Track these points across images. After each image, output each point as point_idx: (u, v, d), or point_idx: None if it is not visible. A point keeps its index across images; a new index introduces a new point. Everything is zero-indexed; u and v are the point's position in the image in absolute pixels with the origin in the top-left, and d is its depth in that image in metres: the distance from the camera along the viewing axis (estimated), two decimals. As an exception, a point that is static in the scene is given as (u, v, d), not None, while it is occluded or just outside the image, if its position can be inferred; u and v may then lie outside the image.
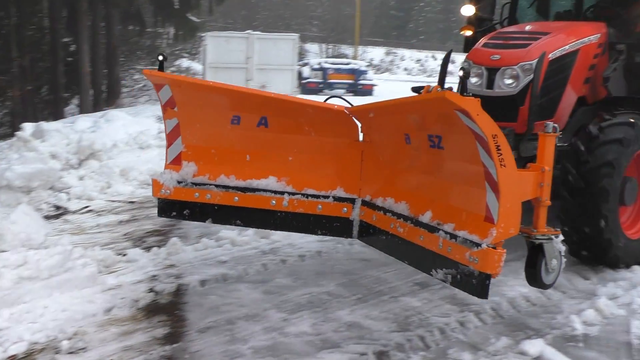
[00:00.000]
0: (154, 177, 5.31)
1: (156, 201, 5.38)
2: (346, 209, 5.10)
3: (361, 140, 5.12)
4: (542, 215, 4.31)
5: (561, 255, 4.29)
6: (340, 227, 5.16)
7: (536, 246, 4.28)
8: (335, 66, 30.32)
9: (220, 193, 5.19)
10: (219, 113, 5.26)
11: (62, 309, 4.58)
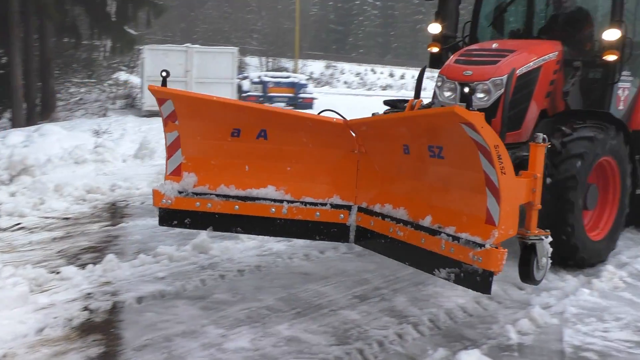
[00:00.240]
0: (154, 187, 5.51)
1: (157, 211, 5.56)
2: (343, 215, 5.44)
3: (357, 151, 5.45)
4: (533, 217, 4.69)
5: (549, 254, 4.69)
6: (338, 232, 5.48)
7: (529, 246, 4.65)
8: (275, 80, 30.27)
9: (221, 202, 5.44)
10: (219, 126, 5.48)
11: (-9, 330, 4.43)
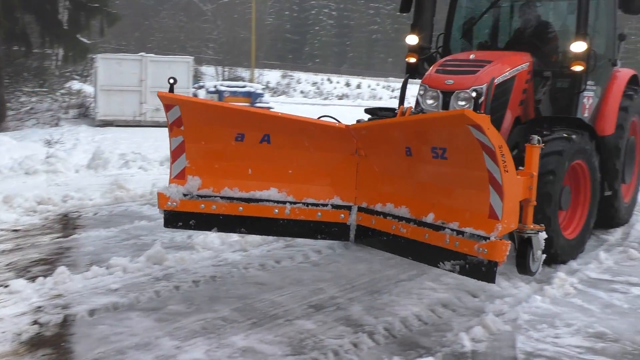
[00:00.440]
0: (159, 190, 5.71)
1: (162, 213, 5.74)
2: (343, 215, 5.75)
3: (356, 154, 5.76)
4: (530, 213, 5.12)
5: (543, 247, 5.11)
6: (338, 231, 5.79)
7: (525, 239, 5.04)
8: (231, 89, 30.17)
9: (226, 204, 5.69)
10: (224, 131, 5.70)
11: (-63, 346, 4.30)
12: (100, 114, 20.78)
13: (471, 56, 6.97)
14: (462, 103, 6.35)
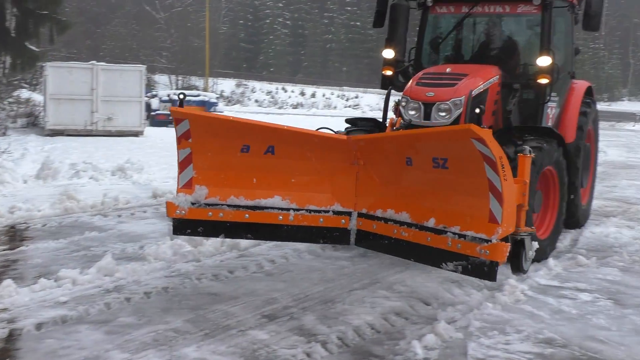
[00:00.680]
0: (168, 200, 6.04)
1: (171, 221, 6.05)
2: (344, 220, 6.15)
3: (356, 163, 6.14)
4: (523, 217, 5.66)
5: (534, 248, 5.75)
6: (340, 236, 6.18)
7: (518, 241, 5.57)
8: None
9: (232, 212, 6.00)
10: (230, 143, 6.02)
11: None
12: (50, 123, 20.38)
13: (447, 69, 7.35)
14: (442, 114, 6.76)
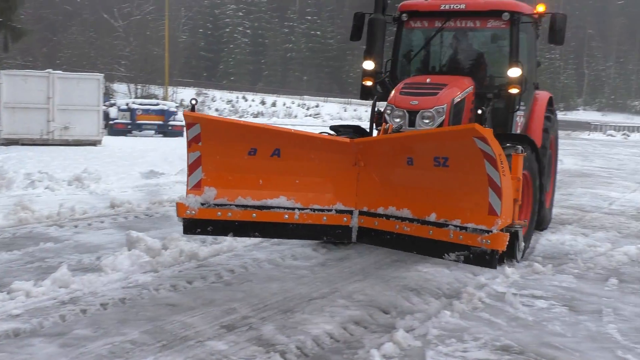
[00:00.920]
0: (178, 200, 6.40)
1: (181, 221, 6.44)
2: (346, 218, 6.60)
3: (357, 165, 6.58)
4: (517, 210, 6.20)
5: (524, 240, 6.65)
6: (342, 233, 6.65)
7: (513, 233, 6.09)
8: (143, 107, 29.73)
9: (241, 211, 6.38)
10: (238, 146, 6.39)
11: None
12: (4, 132, 19.99)
13: (427, 80, 7.83)
14: (426, 121, 7.28)
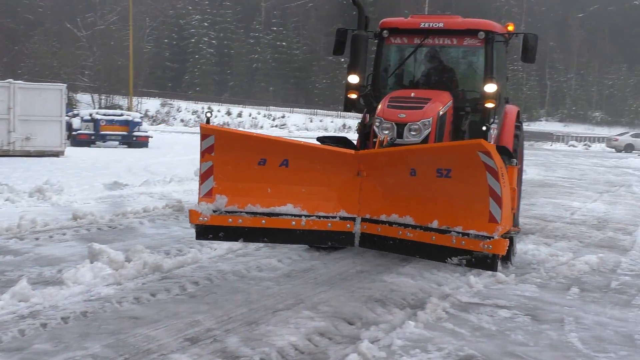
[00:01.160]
0: (191, 208, 6.77)
1: (194, 227, 6.81)
2: (349, 225, 7.03)
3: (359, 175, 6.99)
4: (512, 218, 6.69)
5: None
6: (345, 238, 7.08)
7: (509, 238, 6.36)
8: (107, 117, 29.37)
9: (250, 218, 6.77)
10: (249, 157, 6.81)
11: None
12: (-36, 143, 19.65)
13: (412, 94, 8.19)
14: (413, 133, 7.67)
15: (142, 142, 28.81)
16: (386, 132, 7.73)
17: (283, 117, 66.98)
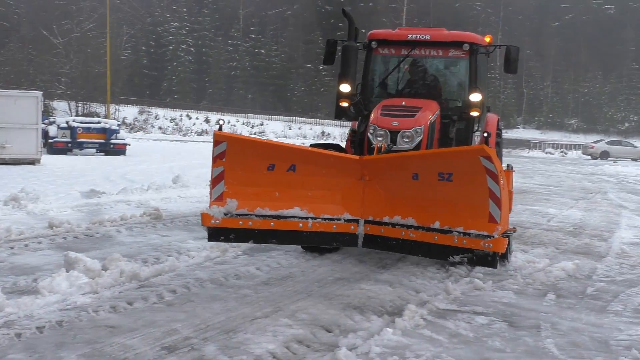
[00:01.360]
0: (203, 211, 7.15)
1: (206, 229, 7.24)
2: (353, 227, 7.42)
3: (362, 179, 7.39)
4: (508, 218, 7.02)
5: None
6: (349, 239, 7.47)
7: (506, 237, 6.67)
8: (84, 125, 29.18)
9: (260, 220, 7.16)
10: (258, 162, 7.19)
11: None
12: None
13: (402, 102, 8.58)
14: (406, 140, 8.07)
15: (119, 150, 28.63)
16: (380, 139, 8.07)
17: (262, 124, 66.96)
